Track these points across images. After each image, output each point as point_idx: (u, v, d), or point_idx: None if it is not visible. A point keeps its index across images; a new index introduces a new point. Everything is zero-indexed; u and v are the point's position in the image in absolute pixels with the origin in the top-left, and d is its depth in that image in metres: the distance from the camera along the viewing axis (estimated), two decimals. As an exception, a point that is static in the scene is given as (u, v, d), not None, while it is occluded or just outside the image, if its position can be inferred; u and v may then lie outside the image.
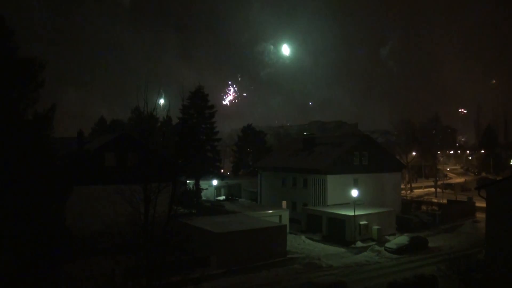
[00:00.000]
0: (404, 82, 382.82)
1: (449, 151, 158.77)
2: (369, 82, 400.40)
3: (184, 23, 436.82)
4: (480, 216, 62.86)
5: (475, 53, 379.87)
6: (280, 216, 54.61)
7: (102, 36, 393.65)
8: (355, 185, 60.19)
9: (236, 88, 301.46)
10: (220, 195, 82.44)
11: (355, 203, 51.66)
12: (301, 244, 50.52)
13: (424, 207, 73.40)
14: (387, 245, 48.37)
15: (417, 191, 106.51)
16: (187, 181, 69.99)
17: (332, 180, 60.64)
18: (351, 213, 51.11)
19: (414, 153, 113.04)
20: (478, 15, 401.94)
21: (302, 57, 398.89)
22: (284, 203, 66.77)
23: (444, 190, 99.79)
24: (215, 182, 76.70)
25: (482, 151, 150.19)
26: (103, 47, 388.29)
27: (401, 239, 49.17)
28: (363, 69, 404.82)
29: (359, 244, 50.24)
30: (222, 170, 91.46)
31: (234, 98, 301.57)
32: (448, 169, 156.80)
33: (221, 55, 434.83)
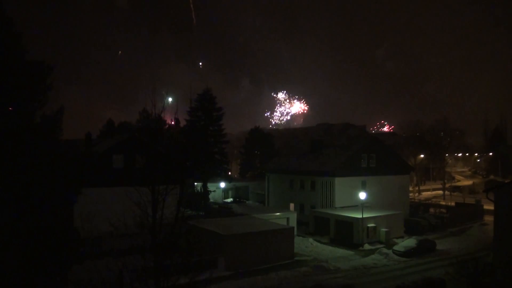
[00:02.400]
0: (412, 84, 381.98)
1: (457, 154, 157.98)
2: (376, 84, 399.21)
3: (192, 24, 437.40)
4: (488, 219, 62.58)
5: (483, 54, 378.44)
6: (288, 219, 54.59)
7: (109, 39, 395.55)
8: (363, 187, 60.12)
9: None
10: (227, 197, 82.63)
11: (363, 206, 51.56)
12: (308, 246, 50.42)
13: (432, 210, 73.12)
14: (395, 247, 48.22)
15: (425, 194, 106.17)
16: (195, 183, 70.11)
17: (340, 183, 60.57)
18: (359, 215, 51.03)
19: (422, 156, 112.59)
20: (486, 15, 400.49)
21: (307, 58, 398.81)
22: (291, 205, 66.75)
23: (452, 193, 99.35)
24: (222, 185, 76.80)
25: (490, 154, 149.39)
26: (110, 49, 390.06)
27: (409, 242, 48.99)
28: (370, 70, 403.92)
29: (367, 246, 50.14)
30: (229, 173, 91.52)
31: None
32: (456, 171, 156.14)
33: (227, 57, 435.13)
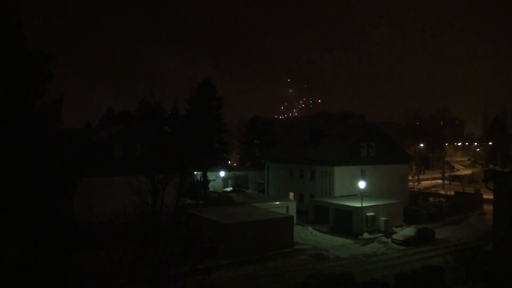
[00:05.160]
0: (413, 73, 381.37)
1: (457, 143, 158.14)
2: (377, 74, 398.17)
3: (191, 17, 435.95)
4: (488, 208, 62.79)
5: (484, 44, 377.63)
6: (287, 208, 54.71)
7: (111, 29, 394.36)
8: (363, 176, 60.19)
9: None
10: (227, 187, 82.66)
11: (362, 195, 51.67)
12: (308, 235, 50.61)
13: (431, 199, 73.33)
14: (394, 236, 48.38)
15: (425, 183, 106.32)
16: (195, 172, 70.19)
17: (339, 172, 60.63)
18: (358, 204, 51.15)
19: (421, 145, 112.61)
20: (487, 6, 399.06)
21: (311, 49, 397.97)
22: (291, 194, 66.86)
23: (451, 182, 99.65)
24: (222, 174, 76.87)
25: (490, 143, 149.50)
26: (112, 40, 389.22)
27: (408, 231, 49.19)
28: (372, 60, 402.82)
29: (366, 235, 50.31)
30: (229, 162, 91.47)
31: None
32: (456, 160, 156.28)
33: (228, 46, 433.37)
